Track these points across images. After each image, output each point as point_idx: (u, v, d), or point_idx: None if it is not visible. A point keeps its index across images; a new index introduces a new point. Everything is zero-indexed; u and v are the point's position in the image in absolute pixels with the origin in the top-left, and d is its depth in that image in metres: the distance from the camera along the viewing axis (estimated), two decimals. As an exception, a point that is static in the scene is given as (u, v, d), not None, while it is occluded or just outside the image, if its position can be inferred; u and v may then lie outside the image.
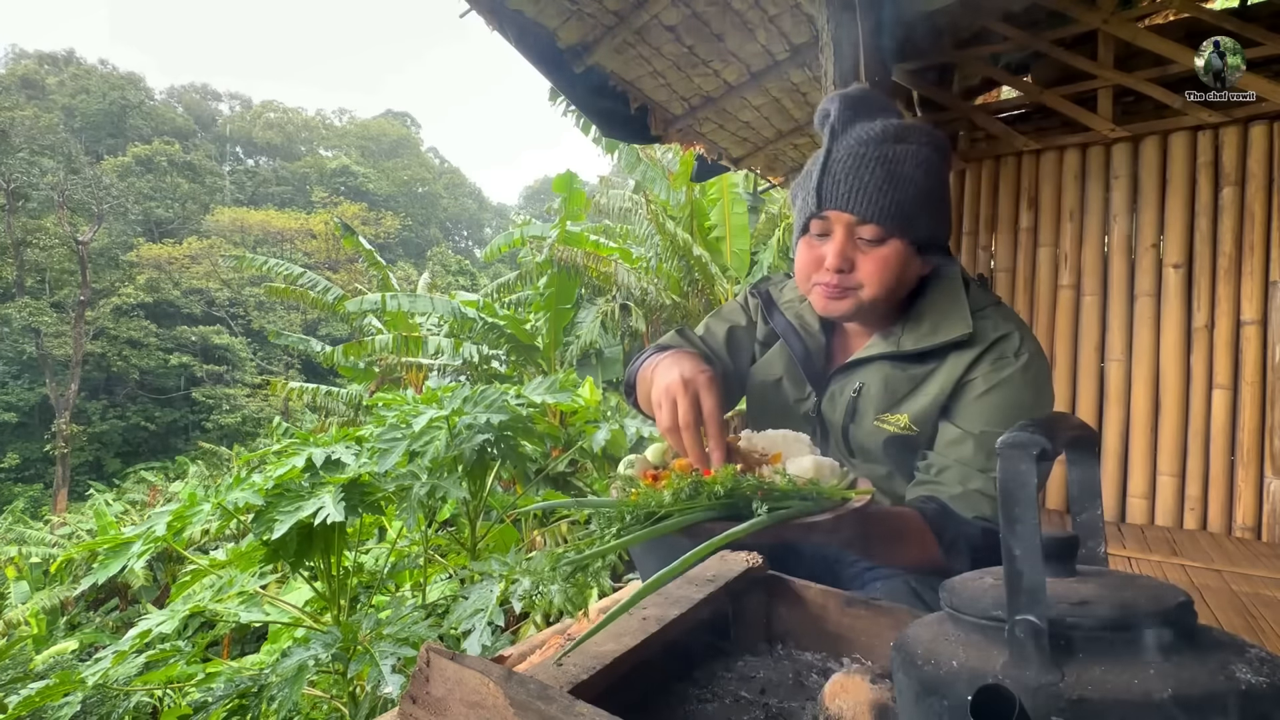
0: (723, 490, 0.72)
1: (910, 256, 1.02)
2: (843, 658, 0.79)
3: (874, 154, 0.98)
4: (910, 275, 1.04)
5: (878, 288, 1.01)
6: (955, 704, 0.41)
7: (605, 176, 13.49)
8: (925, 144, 1.00)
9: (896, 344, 1.06)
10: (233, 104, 46.52)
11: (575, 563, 0.67)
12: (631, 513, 0.71)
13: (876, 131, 1.00)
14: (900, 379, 1.07)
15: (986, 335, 1.03)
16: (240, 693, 1.59)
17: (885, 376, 1.07)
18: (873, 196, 0.97)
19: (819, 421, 1.15)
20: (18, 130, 22.65)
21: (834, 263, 1.01)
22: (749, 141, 3.78)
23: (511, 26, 2.59)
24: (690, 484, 0.72)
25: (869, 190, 0.97)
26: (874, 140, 0.99)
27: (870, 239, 1.00)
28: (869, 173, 0.98)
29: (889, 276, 1.00)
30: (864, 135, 1.00)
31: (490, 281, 11.00)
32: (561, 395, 2.25)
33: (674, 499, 0.71)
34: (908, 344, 1.05)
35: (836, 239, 1.01)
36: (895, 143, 0.99)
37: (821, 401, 1.14)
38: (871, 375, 1.09)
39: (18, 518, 13.35)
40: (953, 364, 1.03)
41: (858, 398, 1.09)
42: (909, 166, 0.98)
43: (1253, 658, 0.41)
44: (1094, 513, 0.54)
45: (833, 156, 1.01)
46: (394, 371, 8.78)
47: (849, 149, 1.00)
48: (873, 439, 1.08)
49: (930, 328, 1.05)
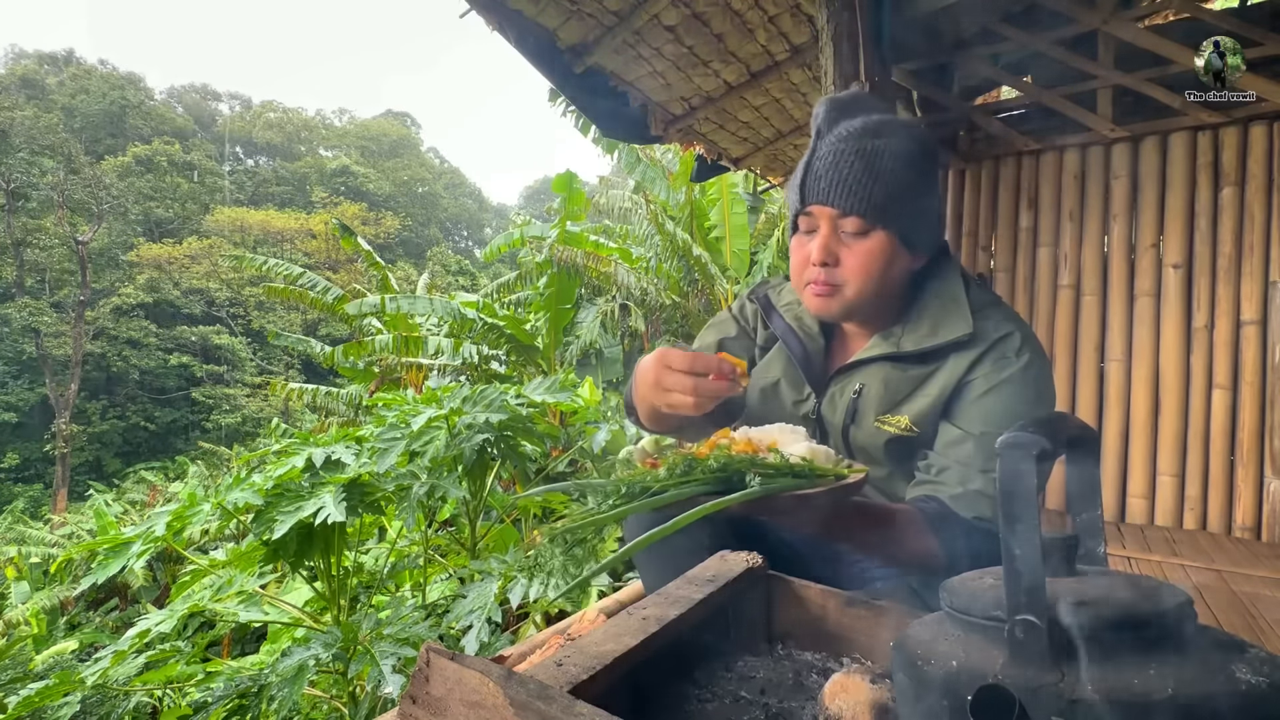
0: (716, 465, 0.72)
1: (896, 250, 1.02)
2: (843, 658, 0.79)
3: (853, 148, 1.00)
4: (898, 271, 1.04)
5: (863, 282, 1.02)
6: (955, 704, 0.41)
7: (605, 176, 13.50)
8: (905, 137, 1.02)
9: (897, 345, 1.06)
10: (233, 104, 46.55)
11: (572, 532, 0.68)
12: (627, 487, 0.71)
13: (856, 127, 1.02)
14: (901, 380, 1.06)
15: (987, 335, 1.03)
16: (240, 693, 1.59)
17: (885, 377, 1.07)
18: (852, 189, 0.99)
19: (819, 423, 1.14)
20: (18, 130, 22.64)
21: (818, 256, 1.03)
22: (749, 141, 3.78)
23: (511, 26, 2.59)
24: (684, 460, 0.73)
25: (848, 183, 0.99)
26: (853, 135, 1.01)
27: (853, 232, 1.01)
28: (848, 166, 1.00)
29: (873, 270, 1.02)
30: (843, 132, 1.03)
31: (490, 281, 11.00)
32: (561, 395, 2.25)
33: (668, 474, 0.71)
34: (908, 344, 1.05)
35: (821, 233, 1.03)
36: (874, 137, 1.01)
37: (821, 403, 1.14)
38: (872, 376, 1.08)
39: (17, 518, 13.35)
40: (953, 364, 1.03)
41: (858, 399, 1.09)
42: (887, 160, 0.99)
43: (1253, 658, 0.41)
44: (1094, 513, 0.54)
45: (816, 155, 1.04)
46: (394, 372, 8.78)
47: (830, 146, 1.03)
48: (873, 440, 1.08)
49: (930, 328, 1.05)
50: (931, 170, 1.06)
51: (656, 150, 8.90)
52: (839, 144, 1.01)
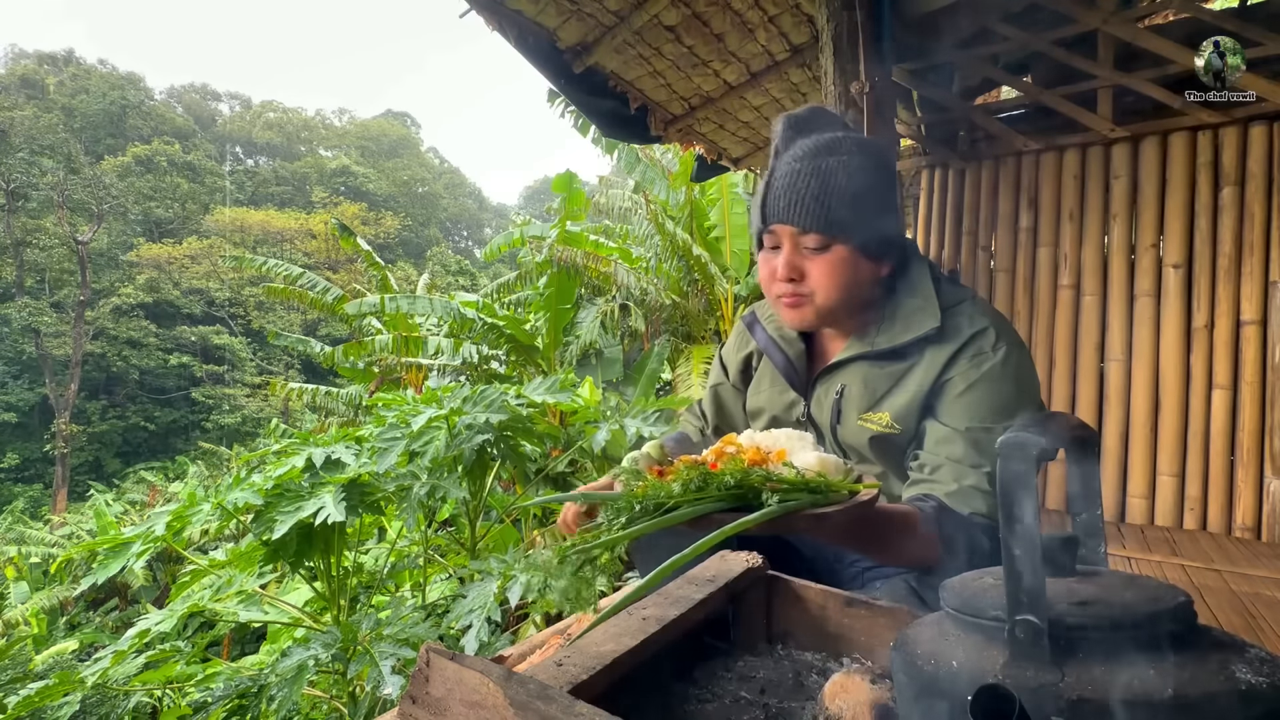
0: (732, 481, 0.72)
1: (857, 260, 1.06)
2: (843, 658, 0.79)
3: (808, 168, 1.05)
4: (863, 278, 1.08)
5: (830, 292, 1.07)
6: (955, 704, 0.41)
7: (605, 176, 13.48)
8: (858, 153, 1.06)
9: (872, 343, 1.10)
10: (232, 104, 46.53)
11: (583, 552, 0.67)
12: (640, 503, 0.71)
13: (810, 146, 1.07)
14: (879, 377, 1.09)
15: (962, 331, 1.05)
16: (240, 693, 1.59)
17: (864, 376, 1.11)
18: (810, 207, 1.03)
19: (810, 426, 1.18)
20: (18, 130, 22.66)
21: (783, 273, 1.08)
22: (749, 141, 3.78)
23: (511, 26, 2.59)
24: (699, 475, 0.72)
25: (805, 201, 1.04)
26: (808, 155, 1.06)
27: (814, 247, 1.06)
28: (804, 185, 1.04)
29: (838, 281, 1.06)
30: (799, 151, 1.07)
31: (490, 281, 10.99)
32: (561, 395, 2.26)
33: (683, 490, 0.71)
34: (882, 342, 1.09)
35: (784, 250, 1.08)
36: (827, 155, 1.05)
37: (810, 406, 1.18)
38: (852, 376, 1.12)
39: (17, 518, 13.36)
40: (930, 360, 1.05)
41: (840, 399, 1.12)
42: (840, 176, 1.03)
43: (1253, 658, 0.41)
44: (1094, 513, 0.54)
45: (774, 174, 1.09)
46: (394, 372, 8.78)
47: (787, 165, 1.07)
48: (858, 438, 1.11)
49: (902, 325, 1.08)
50: (887, 181, 1.10)
51: (656, 150, 8.89)
52: (794, 163, 1.06)
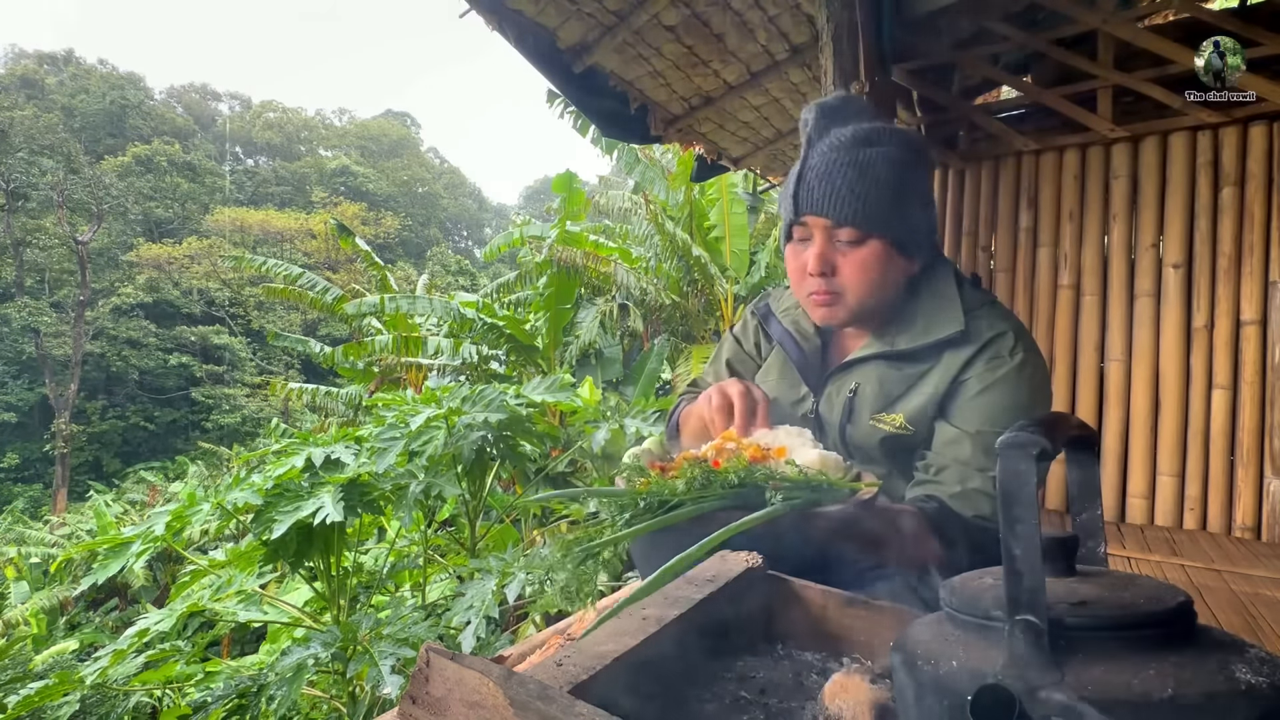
0: (736, 480, 0.72)
1: (891, 256, 1.03)
2: (843, 658, 0.79)
3: (845, 159, 1.01)
4: (894, 275, 1.05)
5: (861, 289, 1.04)
6: (955, 704, 0.41)
7: (605, 176, 13.49)
8: (896, 145, 1.02)
9: (891, 343, 1.08)
10: (232, 104, 46.51)
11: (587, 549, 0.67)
12: (644, 501, 0.71)
13: (847, 136, 1.03)
14: (895, 378, 1.07)
15: (981, 334, 1.03)
16: (240, 692, 1.59)
17: (880, 376, 1.08)
18: (846, 199, 1.00)
19: (817, 423, 1.16)
20: (17, 130, 22.65)
21: (815, 267, 1.04)
22: (749, 141, 3.78)
23: (511, 26, 2.59)
24: (702, 474, 0.72)
25: (841, 194, 1.00)
26: (845, 145, 1.02)
27: (848, 241, 1.02)
28: (841, 177, 1.00)
29: (871, 277, 1.03)
30: (835, 141, 1.03)
31: (490, 281, 11.00)
32: (561, 395, 2.26)
33: (686, 488, 0.71)
34: (902, 343, 1.07)
35: (816, 243, 1.04)
36: (866, 146, 1.01)
37: (819, 403, 1.15)
38: (867, 375, 1.10)
39: (17, 518, 13.35)
40: (947, 363, 1.04)
41: (854, 398, 1.10)
42: (880, 168, 1.00)
43: (1253, 658, 0.41)
44: (1094, 513, 0.54)
45: (807, 164, 1.04)
46: (393, 372, 8.78)
47: (822, 155, 1.03)
48: (869, 438, 1.09)
49: (923, 327, 1.06)
50: (924, 176, 1.07)
51: (656, 150, 8.89)
52: (831, 153, 1.02)
